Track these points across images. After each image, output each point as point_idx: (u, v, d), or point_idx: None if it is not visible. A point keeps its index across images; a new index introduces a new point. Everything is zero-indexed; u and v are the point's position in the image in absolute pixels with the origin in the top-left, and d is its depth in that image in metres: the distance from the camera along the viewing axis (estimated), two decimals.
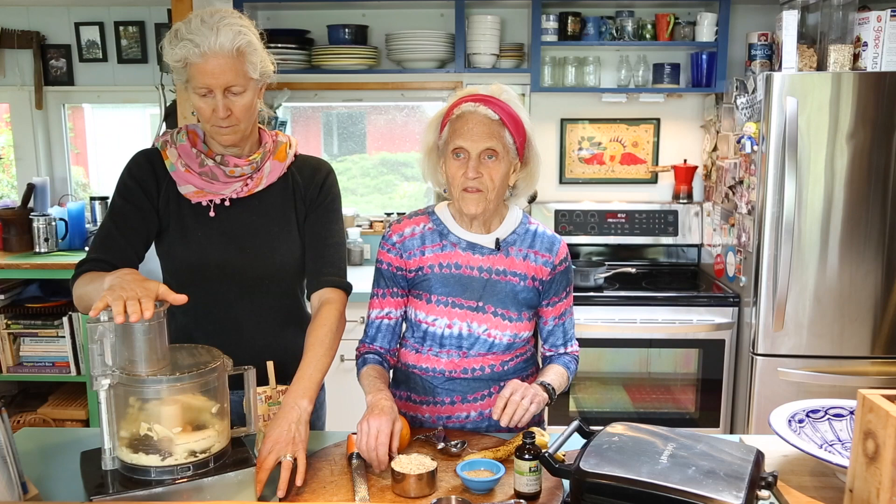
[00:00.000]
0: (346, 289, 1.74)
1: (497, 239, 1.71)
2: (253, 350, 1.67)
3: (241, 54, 1.54)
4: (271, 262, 1.71)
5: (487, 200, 1.64)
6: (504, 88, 1.66)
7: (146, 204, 1.67)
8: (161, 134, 1.72)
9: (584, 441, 1.36)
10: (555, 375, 1.70)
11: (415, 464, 1.44)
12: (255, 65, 1.58)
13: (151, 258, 1.74)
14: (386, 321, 1.75)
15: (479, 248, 1.71)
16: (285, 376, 1.72)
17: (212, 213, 1.67)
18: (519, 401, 1.55)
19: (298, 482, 1.43)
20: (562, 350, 1.80)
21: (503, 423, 1.55)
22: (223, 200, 1.68)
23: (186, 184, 1.66)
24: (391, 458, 1.46)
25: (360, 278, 2.33)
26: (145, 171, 1.68)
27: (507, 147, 1.63)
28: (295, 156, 1.77)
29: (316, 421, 1.82)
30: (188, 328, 1.73)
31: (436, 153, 1.71)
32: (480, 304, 1.70)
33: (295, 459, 1.43)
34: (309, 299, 1.77)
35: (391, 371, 1.79)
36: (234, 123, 1.59)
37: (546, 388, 1.63)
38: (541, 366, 1.81)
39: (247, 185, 1.68)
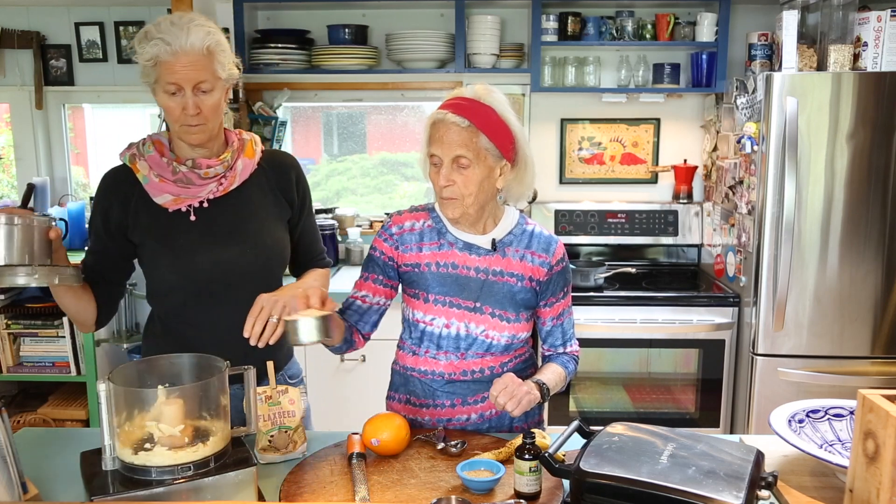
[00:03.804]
0: (331, 265, 1.97)
1: (493, 240, 1.71)
2: (246, 347, 1.67)
3: (210, 53, 1.58)
4: (256, 255, 1.73)
5: (465, 206, 1.64)
6: (490, 90, 1.64)
7: (114, 235, 1.71)
8: (126, 147, 1.73)
9: (584, 441, 1.36)
10: (551, 374, 1.70)
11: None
12: (223, 64, 1.62)
13: None
14: (359, 302, 1.75)
15: (475, 248, 1.71)
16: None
17: (193, 218, 1.69)
18: (512, 390, 1.55)
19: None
20: (561, 350, 1.80)
21: (500, 402, 1.54)
22: (201, 203, 1.70)
23: (162, 193, 1.67)
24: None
25: None
26: (111, 195, 1.71)
27: (483, 152, 1.60)
28: (262, 151, 1.81)
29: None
30: (180, 331, 1.74)
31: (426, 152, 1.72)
32: (478, 304, 1.69)
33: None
34: (296, 276, 1.90)
35: (354, 341, 1.76)
36: (203, 122, 1.62)
37: (540, 386, 1.63)
38: (540, 366, 1.81)
39: (221, 184, 1.70)
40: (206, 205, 1.70)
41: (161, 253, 1.69)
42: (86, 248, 1.77)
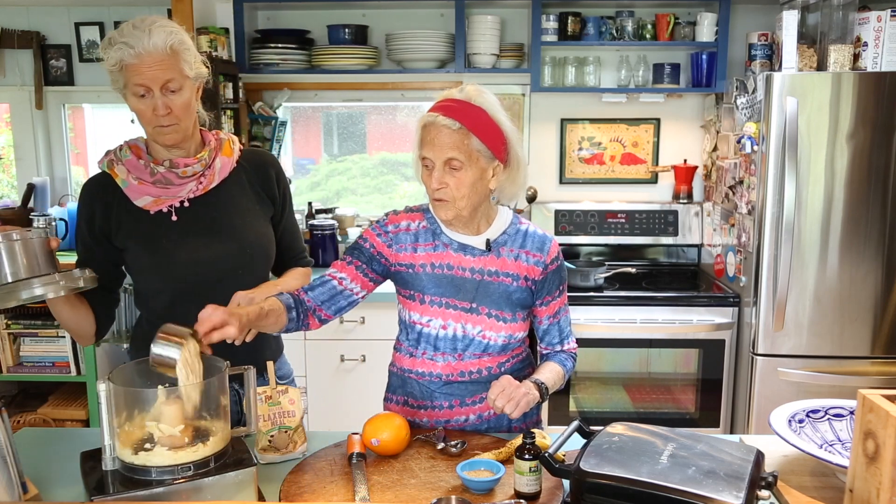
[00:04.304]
0: (312, 264, 1.97)
1: (487, 240, 1.71)
2: (232, 346, 1.66)
3: (175, 53, 1.59)
4: (239, 252, 1.74)
5: (458, 208, 1.63)
6: (481, 91, 1.63)
7: (100, 242, 1.72)
8: (104, 154, 1.74)
9: (584, 441, 1.36)
10: (549, 373, 1.70)
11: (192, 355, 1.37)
12: (189, 63, 1.62)
13: None
14: (333, 281, 1.70)
15: (470, 249, 1.70)
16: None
17: (174, 218, 1.70)
18: (510, 392, 1.55)
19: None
20: (558, 348, 1.80)
21: (498, 405, 1.55)
22: (182, 203, 1.70)
23: (143, 196, 1.68)
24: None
25: None
26: (93, 202, 1.71)
27: (475, 154, 1.59)
28: (240, 150, 1.82)
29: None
30: None
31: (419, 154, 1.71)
32: (474, 305, 1.69)
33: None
34: (277, 274, 1.90)
35: (306, 324, 1.69)
36: (174, 122, 1.62)
37: (539, 386, 1.63)
38: (538, 364, 1.81)
39: (201, 182, 1.71)
40: (186, 204, 1.70)
41: (145, 255, 1.70)
42: (75, 261, 1.76)
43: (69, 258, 3.18)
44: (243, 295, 1.62)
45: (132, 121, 1.68)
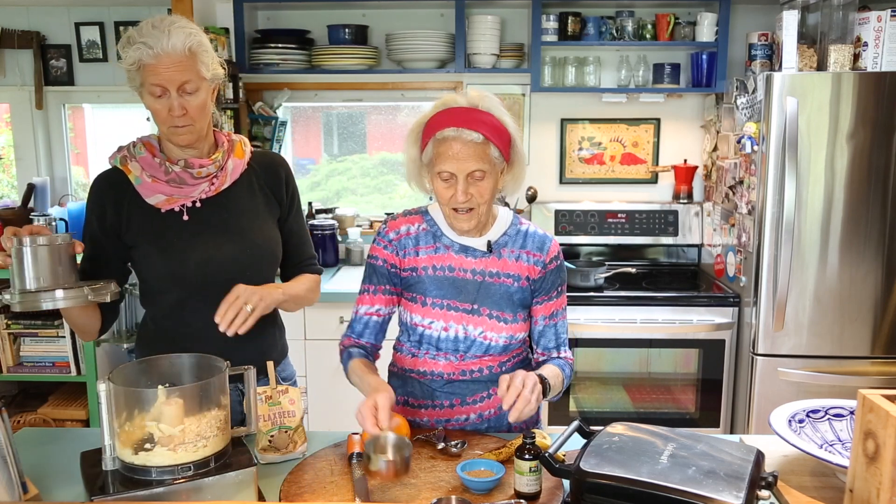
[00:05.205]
0: (321, 272, 1.95)
1: (489, 241, 1.71)
2: (239, 348, 1.67)
3: (193, 54, 1.59)
4: (248, 254, 1.74)
5: (479, 214, 1.64)
6: (484, 94, 1.62)
7: (110, 238, 1.71)
8: (116, 150, 1.73)
9: (584, 441, 1.36)
10: (550, 374, 1.67)
11: (392, 445, 1.42)
12: (207, 65, 1.62)
13: None
14: (375, 318, 1.74)
15: (471, 250, 1.70)
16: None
17: (185, 217, 1.70)
18: (529, 396, 1.49)
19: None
20: (554, 354, 1.77)
21: (512, 417, 1.49)
22: (194, 203, 1.70)
23: (155, 194, 1.68)
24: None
25: (359, 278, 2.34)
26: (105, 198, 1.71)
27: (493, 161, 1.60)
28: (251, 152, 1.82)
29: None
30: (174, 331, 1.74)
31: (419, 163, 1.69)
32: (475, 306, 1.69)
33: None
34: (285, 280, 1.89)
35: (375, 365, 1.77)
36: (189, 123, 1.62)
37: (543, 381, 1.59)
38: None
39: (213, 183, 1.71)
40: (198, 204, 1.71)
41: (154, 253, 1.70)
42: (81, 257, 1.75)
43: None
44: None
45: (147, 119, 1.69)
